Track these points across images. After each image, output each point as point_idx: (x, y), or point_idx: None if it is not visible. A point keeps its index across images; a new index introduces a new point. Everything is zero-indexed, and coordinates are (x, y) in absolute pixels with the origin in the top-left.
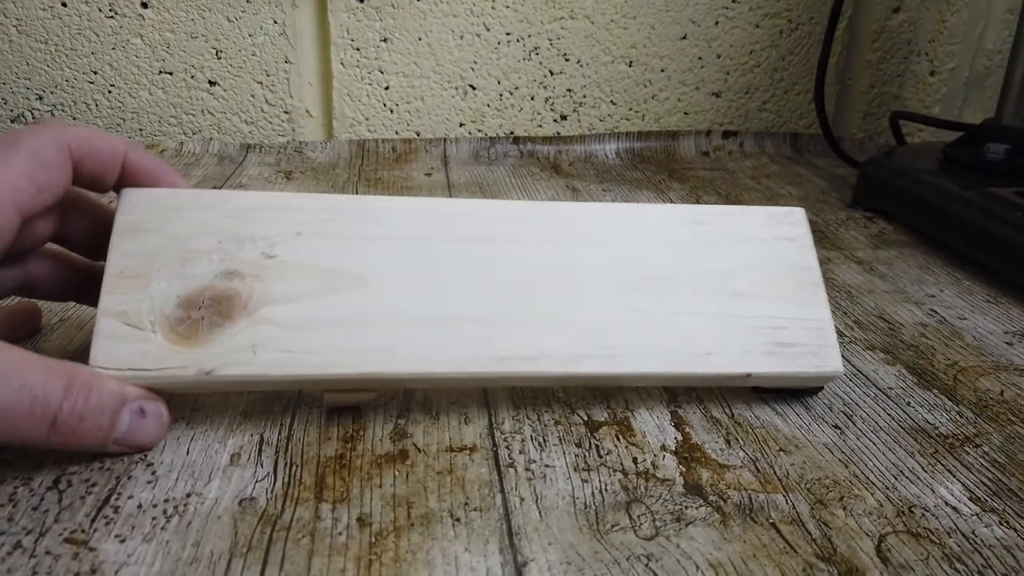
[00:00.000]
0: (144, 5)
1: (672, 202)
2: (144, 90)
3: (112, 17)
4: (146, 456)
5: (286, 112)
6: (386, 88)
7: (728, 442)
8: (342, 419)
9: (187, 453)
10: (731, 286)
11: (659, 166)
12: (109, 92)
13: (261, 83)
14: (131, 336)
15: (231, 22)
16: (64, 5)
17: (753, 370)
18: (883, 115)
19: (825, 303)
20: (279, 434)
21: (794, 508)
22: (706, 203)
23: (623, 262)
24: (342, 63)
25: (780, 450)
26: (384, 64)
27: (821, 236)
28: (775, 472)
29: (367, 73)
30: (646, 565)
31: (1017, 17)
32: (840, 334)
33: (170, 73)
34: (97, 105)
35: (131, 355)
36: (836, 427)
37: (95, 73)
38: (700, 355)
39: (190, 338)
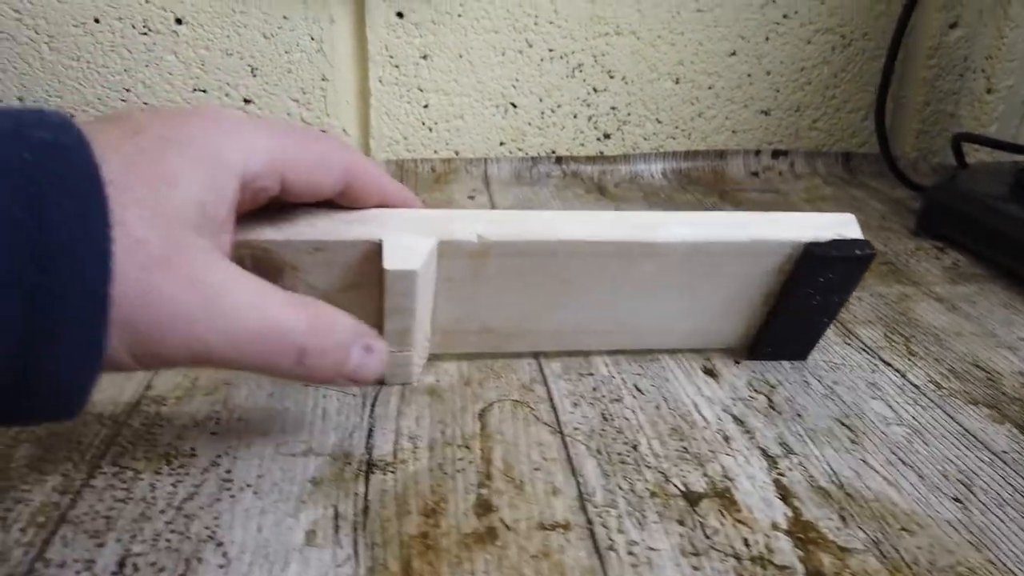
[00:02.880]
0: (179, 21)
1: None
2: None
3: (146, 34)
4: (214, 534)
5: (323, 131)
6: (425, 106)
7: (843, 519)
8: (419, 487)
9: (258, 530)
10: None
11: (708, 187)
12: (142, 111)
13: (297, 101)
14: None
15: (267, 39)
16: (97, 21)
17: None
18: (937, 133)
19: None
20: (354, 506)
21: None
22: None
23: None
24: (380, 80)
25: (902, 529)
26: (423, 82)
27: (892, 268)
28: (902, 557)
29: (406, 91)
30: None
31: None
32: (936, 385)
33: (204, 91)
34: None
35: None
36: (956, 500)
37: (127, 91)
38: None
39: None
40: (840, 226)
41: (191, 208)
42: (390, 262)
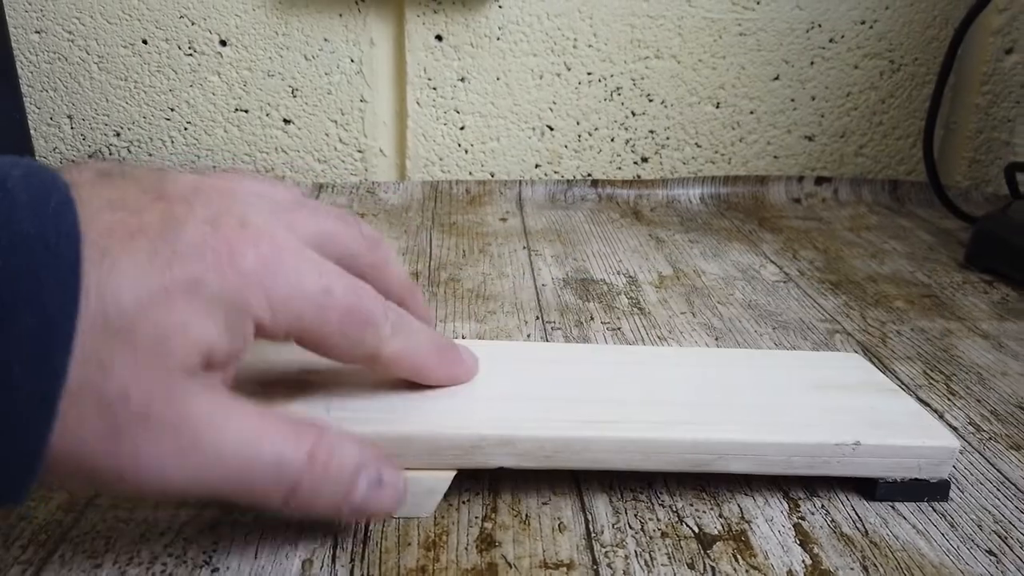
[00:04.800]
0: (223, 43)
1: (765, 255)
2: (219, 127)
3: (191, 55)
4: (210, 559)
5: (359, 151)
6: (461, 128)
7: (866, 569)
8: (423, 520)
9: (255, 557)
10: (819, 390)
11: (748, 213)
12: (185, 129)
13: (336, 121)
14: None
15: (308, 60)
16: (145, 42)
17: (861, 439)
18: (991, 162)
19: (909, 399)
20: (354, 537)
21: None
22: (803, 258)
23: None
24: (418, 102)
25: None
26: (460, 104)
27: (936, 302)
28: None
29: (443, 113)
30: None
31: None
32: (976, 428)
33: (246, 111)
34: (173, 142)
35: None
36: (990, 553)
37: (172, 110)
38: (800, 426)
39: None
40: (933, 465)
41: (196, 356)
42: (400, 510)
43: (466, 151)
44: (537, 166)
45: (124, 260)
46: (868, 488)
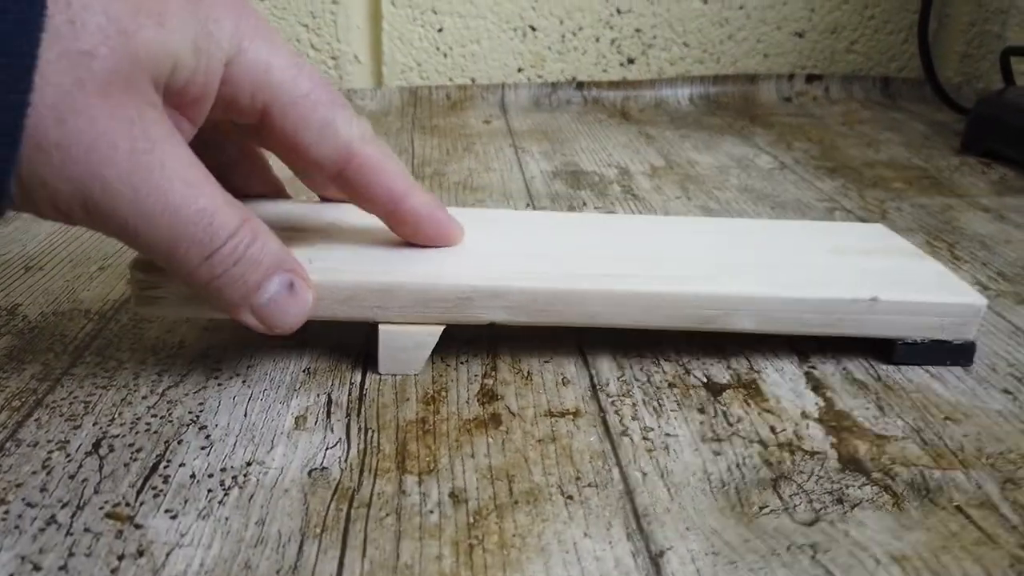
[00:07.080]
0: None
1: (759, 147)
2: None
3: None
4: (197, 418)
5: (333, 58)
6: (439, 30)
7: (881, 408)
8: (420, 378)
9: (244, 415)
10: (838, 253)
11: (738, 112)
12: None
13: (307, 26)
14: None
15: None
16: None
17: (880, 295)
18: (983, 56)
19: (935, 261)
20: (349, 394)
21: (979, 488)
22: (797, 148)
23: (730, 235)
24: (392, 3)
25: (946, 418)
26: (437, 4)
27: (935, 182)
28: (946, 444)
29: (419, 14)
30: (812, 557)
31: None
32: (983, 287)
33: None
34: None
35: None
36: (1007, 392)
37: None
38: (814, 282)
39: None
40: (957, 324)
41: (165, 61)
42: (385, 366)
43: (445, 55)
44: (520, 70)
45: None
46: (885, 351)
